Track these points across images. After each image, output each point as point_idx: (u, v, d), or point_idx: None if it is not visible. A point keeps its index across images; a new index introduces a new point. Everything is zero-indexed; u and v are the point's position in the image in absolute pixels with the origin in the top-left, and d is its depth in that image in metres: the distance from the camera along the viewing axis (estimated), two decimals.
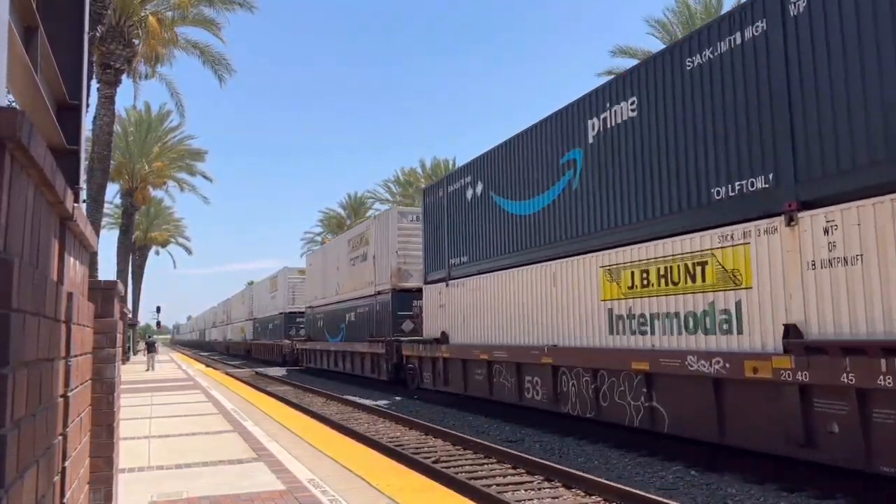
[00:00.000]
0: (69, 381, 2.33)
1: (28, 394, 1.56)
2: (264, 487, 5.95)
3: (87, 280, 3.42)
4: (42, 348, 1.74)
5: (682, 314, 9.64)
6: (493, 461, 9.94)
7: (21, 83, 2.12)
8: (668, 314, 9.92)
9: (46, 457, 1.85)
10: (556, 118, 13.15)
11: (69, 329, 2.29)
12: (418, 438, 12.36)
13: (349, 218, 65.23)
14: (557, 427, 12.68)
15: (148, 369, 27.22)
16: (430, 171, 57.43)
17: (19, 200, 1.56)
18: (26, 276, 1.49)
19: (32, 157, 1.56)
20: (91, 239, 3.10)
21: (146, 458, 7.57)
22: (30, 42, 2.25)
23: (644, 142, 10.64)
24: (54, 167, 1.86)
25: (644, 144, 10.64)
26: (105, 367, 3.77)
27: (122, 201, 41.48)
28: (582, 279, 12.04)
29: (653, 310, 10.20)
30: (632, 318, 10.64)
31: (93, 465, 3.55)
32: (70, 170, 2.87)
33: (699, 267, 9.37)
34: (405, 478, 6.60)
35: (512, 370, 14.24)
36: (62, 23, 3.05)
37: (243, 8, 26.56)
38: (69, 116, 2.99)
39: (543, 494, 8.08)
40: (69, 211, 2.26)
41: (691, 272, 9.49)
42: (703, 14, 32.21)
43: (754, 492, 7.97)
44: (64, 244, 2.42)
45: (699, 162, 9.49)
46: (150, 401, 14.27)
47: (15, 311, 1.37)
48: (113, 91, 24.10)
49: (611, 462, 9.97)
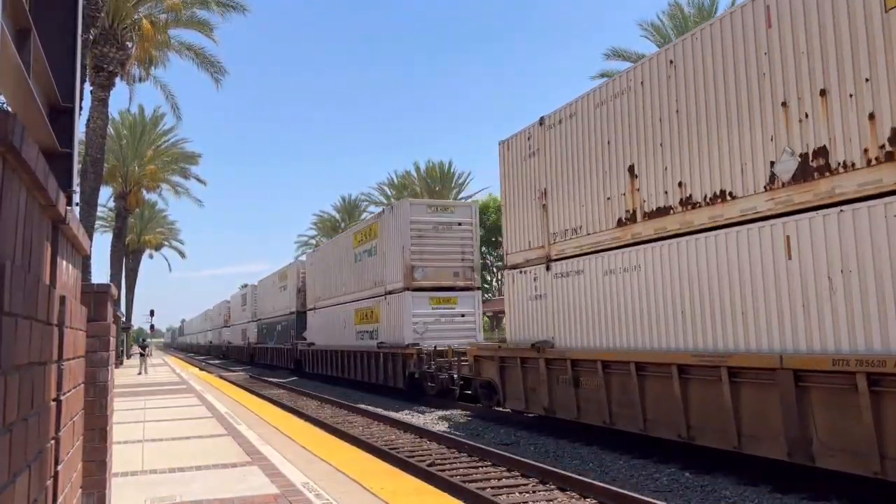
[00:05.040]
0: (62, 384, 2.32)
1: (20, 397, 1.56)
2: (258, 491, 5.93)
3: (80, 283, 3.41)
4: (34, 352, 1.73)
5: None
6: (488, 464, 9.94)
7: (13, 85, 2.11)
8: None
9: (38, 461, 1.84)
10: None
11: (62, 332, 2.28)
12: (412, 441, 12.35)
13: (343, 221, 65.21)
14: (552, 430, 12.68)
15: (140, 373, 27.10)
16: (425, 173, 57.47)
17: (11, 204, 1.56)
18: (18, 280, 1.48)
19: (24, 161, 1.55)
20: (84, 242, 3.09)
21: (139, 462, 7.53)
22: (22, 44, 2.24)
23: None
24: (47, 170, 1.86)
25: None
26: (98, 371, 3.75)
27: (116, 204, 41.34)
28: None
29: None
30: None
31: (85, 469, 3.53)
32: (63, 173, 2.85)
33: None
34: (400, 481, 6.59)
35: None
36: (55, 25, 3.04)
37: (236, 10, 26.55)
38: (62, 119, 2.98)
39: (538, 497, 8.08)
40: (62, 214, 2.25)
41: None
42: (696, 17, 32.29)
43: (748, 494, 7.99)
44: (56, 247, 2.41)
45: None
46: (143, 404, 14.21)
47: (6, 315, 1.37)
48: (106, 94, 24.03)
49: (605, 464, 9.98)
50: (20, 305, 1.51)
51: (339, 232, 55.28)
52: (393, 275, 21.00)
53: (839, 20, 7.56)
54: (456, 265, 20.44)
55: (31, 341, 1.68)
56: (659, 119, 10.19)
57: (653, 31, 32.54)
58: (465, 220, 20.80)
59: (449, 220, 20.52)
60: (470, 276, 20.65)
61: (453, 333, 19.62)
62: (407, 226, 20.15)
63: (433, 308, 20.06)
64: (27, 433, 1.66)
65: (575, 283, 12.05)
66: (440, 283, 20.31)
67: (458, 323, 20.18)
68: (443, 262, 20.32)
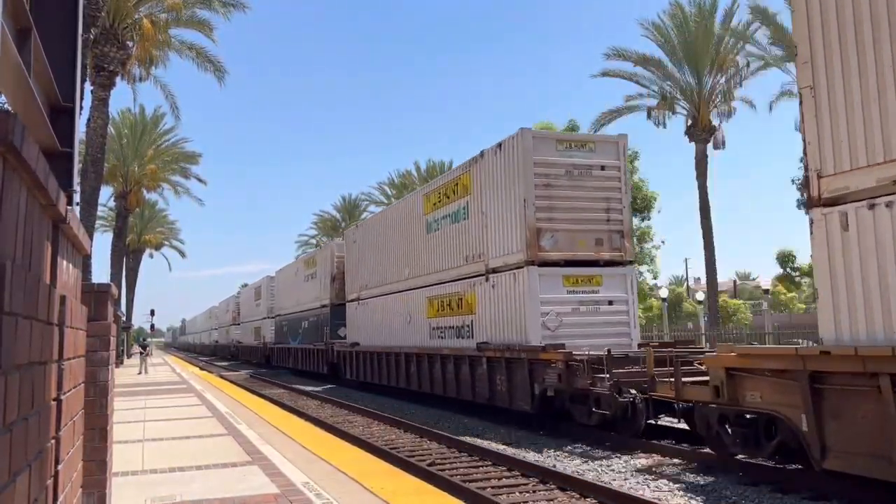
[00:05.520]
0: (62, 384, 2.32)
1: (20, 397, 1.56)
2: (258, 491, 5.93)
3: (81, 283, 3.41)
4: (34, 351, 1.73)
5: None
6: (489, 464, 9.93)
7: (13, 85, 2.11)
8: None
9: (39, 460, 1.84)
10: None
11: (62, 332, 2.28)
12: (413, 441, 12.34)
13: (343, 220, 65.22)
14: (552, 430, 12.68)
15: (140, 372, 27.11)
16: (426, 173, 57.49)
17: (11, 203, 1.56)
18: (18, 279, 1.48)
19: (25, 160, 1.55)
20: (84, 242, 3.09)
21: (140, 462, 7.53)
22: (23, 44, 2.24)
23: None
24: (47, 170, 1.86)
25: None
26: (98, 371, 3.76)
27: (116, 204, 41.40)
28: None
29: None
30: None
31: (86, 468, 3.53)
32: (63, 172, 2.85)
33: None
34: (400, 481, 6.59)
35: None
36: (55, 25, 3.04)
37: (236, 8, 26.58)
38: (62, 119, 2.98)
39: (538, 497, 8.08)
40: (62, 214, 2.25)
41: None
42: (696, 16, 32.28)
43: (749, 494, 7.99)
44: (57, 247, 2.41)
45: None
46: (143, 404, 14.22)
47: (7, 314, 1.37)
48: (106, 93, 24.06)
49: (605, 465, 9.97)
50: (20, 305, 1.51)
51: (339, 232, 55.23)
52: (502, 243, 14.40)
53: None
54: (599, 228, 14.09)
55: (32, 341, 1.68)
56: None
57: (653, 30, 32.54)
58: (611, 163, 14.34)
59: (587, 162, 14.11)
60: (618, 245, 14.15)
61: (597, 330, 13.47)
62: (529, 169, 13.63)
63: (569, 292, 13.61)
64: (27, 433, 1.66)
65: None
66: (577, 254, 13.83)
67: (605, 314, 13.79)
68: (581, 225, 13.95)
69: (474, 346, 15.09)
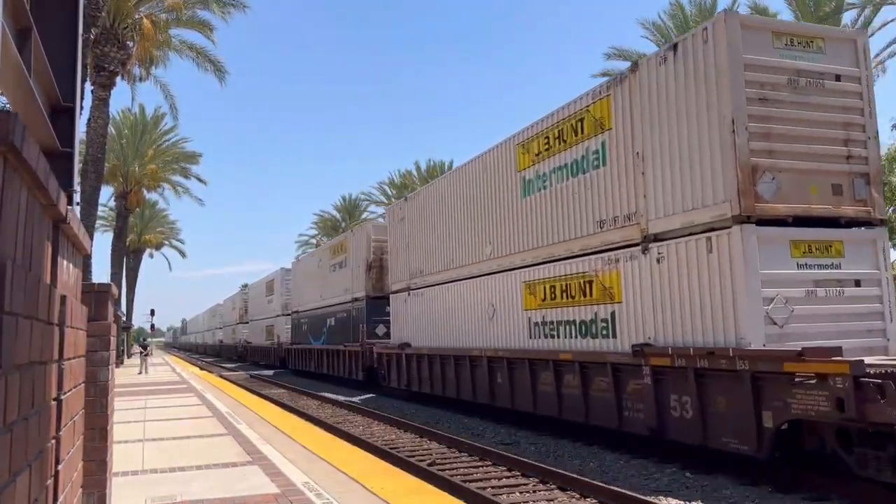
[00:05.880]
0: (62, 384, 2.33)
1: (20, 397, 1.56)
2: (258, 490, 5.93)
3: (81, 283, 3.41)
4: (35, 351, 1.73)
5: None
6: (489, 463, 9.93)
7: (14, 85, 2.11)
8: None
9: (39, 460, 1.84)
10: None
11: (62, 332, 2.28)
12: (413, 441, 12.34)
13: (344, 220, 65.23)
14: (552, 429, 12.68)
15: (141, 372, 27.12)
16: (426, 173, 57.56)
17: (12, 203, 1.56)
18: (19, 279, 1.48)
19: (25, 160, 1.55)
20: (84, 241, 3.09)
21: (140, 462, 7.53)
22: (23, 44, 2.24)
23: None
24: (47, 170, 1.86)
25: None
26: (98, 370, 3.76)
27: (116, 204, 41.40)
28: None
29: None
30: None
31: (86, 468, 3.53)
32: (63, 172, 2.85)
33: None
34: (400, 480, 6.59)
35: None
36: (56, 25, 3.04)
37: (235, 8, 26.57)
38: (63, 119, 2.99)
39: (538, 497, 8.08)
40: (62, 213, 2.25)
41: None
42: (696, 16, 32.31)
43: (749, 493, 7.99)
44: (57, 247, 2.41)
45: None
46: (143, 404, 14.22)
47: (7, 314, 1.37)
48: (107, 93, 24.05)
49: (606, 464, 9.97)
50: (21, 305, 1.51)
51: (339, 232, 55.18)
52: (681, 195, 9.71)
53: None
54: (838, 168, 9.42)
55: (32, 341, 1.69)
56: None
57: (654, 30, 32.57)
58: (848, 71, 9.67)
59: (816, 68, 9.46)
60: (864, 195, 9.49)
61: (841, 327, 8.90)
62: (739, 74, 8.95)
63: (799, 266, 8.98)
64: (28, 433, 1.66)
65: None
66: (811, 207, 9.17)
67: (848, 301, 9.11)
68: (812, 162, 9.24)
69: (621, 348, 10.67)
